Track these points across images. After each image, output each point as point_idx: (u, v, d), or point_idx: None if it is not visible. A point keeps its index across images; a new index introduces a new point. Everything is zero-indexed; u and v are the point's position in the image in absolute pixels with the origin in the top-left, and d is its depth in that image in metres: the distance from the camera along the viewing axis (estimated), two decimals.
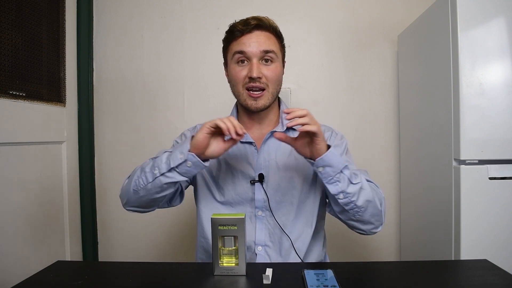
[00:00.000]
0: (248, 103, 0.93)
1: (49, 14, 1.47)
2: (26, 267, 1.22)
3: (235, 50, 0.93)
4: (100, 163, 1.77)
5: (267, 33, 0.94)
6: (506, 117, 1.13)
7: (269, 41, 0.93)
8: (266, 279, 0.73)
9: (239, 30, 0.92)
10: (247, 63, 0.93)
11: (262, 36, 0.92)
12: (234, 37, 0.93)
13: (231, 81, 0.97)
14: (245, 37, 0.92)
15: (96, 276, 0.80)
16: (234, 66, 0.94)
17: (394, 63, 1.73)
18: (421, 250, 1.46)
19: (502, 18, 1.13)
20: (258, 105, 0.93)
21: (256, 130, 1.01)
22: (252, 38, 0.92)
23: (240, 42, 0.92)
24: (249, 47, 0.91)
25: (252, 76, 0.90)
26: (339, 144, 1.01)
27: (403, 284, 0.76)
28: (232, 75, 0.95)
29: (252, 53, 0.91)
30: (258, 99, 0.93)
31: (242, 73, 0.93)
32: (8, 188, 1.22)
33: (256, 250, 0.96)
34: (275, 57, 0.94)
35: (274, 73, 0.94)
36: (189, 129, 1.08)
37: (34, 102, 1.36)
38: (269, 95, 0.94)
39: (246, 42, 0.92)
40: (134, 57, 1.75)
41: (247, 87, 0.92)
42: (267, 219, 0.97)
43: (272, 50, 0.93)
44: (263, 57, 0.92)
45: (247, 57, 0.92)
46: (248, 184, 0.97)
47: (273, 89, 0.95)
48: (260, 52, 0.91)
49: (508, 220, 1.13)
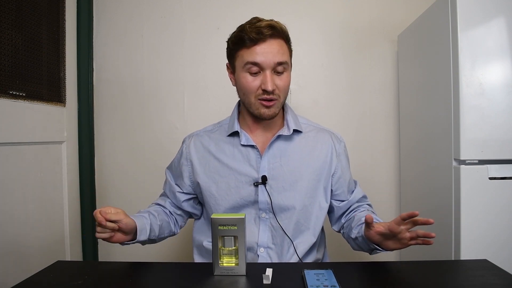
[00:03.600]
0: (261, 111, 0.93)
1: (49, 14, 1.47)
2: (26, 267, 1.22)
3: (248, 60, 0.89)
4: (100, 163, 1.77)
5: (280, 41, 0.91)
6: (506, 117, 1.12)
7: (282, 50, 0.91)
8: (266, 279, 0.73)
9: (252, 39, 0.88)
10: (260, 73, 0.90)
11: (275, 45, 0.89)
12: (245, 44, 0.89)
13: (241, 89, 0.95)
14: (258, 47, 0.88)
15: (96, 276, 0.80)
16: (245, 75, 0.91)
17: (394, 63, 1.73)
18: (421, 250, 1.45)
19: (502, 18, 1.13)
20: (271, 113, 0.93)
21: (260, 133, 1.01)
22: (266, 48, 0.88)
23: (253, 52, 0.89)
24: (263, 58, 0.88)
25: (267, 89, 0.89)
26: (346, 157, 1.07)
27: (403, 284, 0.76)
28: (243, 84, 0.92)
29: (266, 64, 0.89)
30: (271, 107, 0.92)
31: (254, 84, 0.91)
32: (8, 188, 1.22)
33: (258, 252, 0.96)
34: (287, 67, 0.93)
35: (286, 83, 0.93)
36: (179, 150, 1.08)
37: (34, 102, 1.36)
38: (279, 104, 0.94)
39: (260, 52, 0.88)
40: (134, 57, 1.75)
41: (260, 98, 0.91)
42: (271, 221, 0.97)
43: (285, 61, 0.91)
44: (276, 68, 0.90)
45: (260, 68, 0.90)
46: (251, 187, 0.96)
47: (283, 98, 0.95)
48: (274, 63, 0.89)
49: (508, 220, 1.13)
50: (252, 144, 0.97)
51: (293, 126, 0.99)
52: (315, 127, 1.06)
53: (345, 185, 1.03)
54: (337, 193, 1.03)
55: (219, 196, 0.98)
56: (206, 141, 1.04)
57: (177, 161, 1.07)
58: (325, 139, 1.03)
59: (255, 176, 0.96)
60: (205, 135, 1.05)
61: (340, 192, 1.03)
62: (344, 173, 1.03)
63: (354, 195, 1.05)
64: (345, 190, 1.03)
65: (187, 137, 1.08)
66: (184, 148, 1.05)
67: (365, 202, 1.07)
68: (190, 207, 1.07)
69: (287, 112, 1.03)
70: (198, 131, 1.08)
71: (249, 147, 0.98)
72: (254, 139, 0.99)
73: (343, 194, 1.03)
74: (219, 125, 1.07)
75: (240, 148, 0.98)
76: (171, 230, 1.05)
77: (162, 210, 1.05)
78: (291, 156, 0.98)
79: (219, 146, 1.01)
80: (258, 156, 0.97)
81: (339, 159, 1.02)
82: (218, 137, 1.03)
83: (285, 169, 0.97)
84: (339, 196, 1.03)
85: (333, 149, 1.02)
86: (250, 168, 0.97)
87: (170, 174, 1.09)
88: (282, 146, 0.99)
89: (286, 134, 0.98)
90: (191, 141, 1.05)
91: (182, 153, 1.05)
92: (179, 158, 1.06)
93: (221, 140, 1.02)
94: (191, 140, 1.05)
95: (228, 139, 1.01)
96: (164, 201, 1.08)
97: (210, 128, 1.08)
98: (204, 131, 1.07)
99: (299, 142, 1.01)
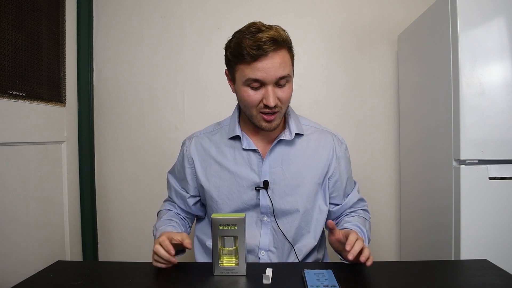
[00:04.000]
0: (263, 124, 0.91)
1: (49, 14, 1.47)
2: (26, 267, 1.22)
3: (248, 76, 0.85)
4: (100, 163, 1.77)
5: (282, 52, 0.86)
6: (506, 117, 1.12)
7: (284, 63, 0.86)
8: (266, 279, 0.73)
9: (252, 55, 0.82)
10: (261, 87, 0.87)
11: (277, 59, 0.84)
12: (245, 60, 0.84)
13: (241, 102, 0.92)
14: (260, 63, 0.83)
15: (96, 276, 0.80)
16: (246, 89, 0.88)
17: (394, 63, 1.73)
18: (421, 250, 1.46)
19: (502, 18, 1.13)
20: (272, 126, 0.91)
21: (261, 137, 1.00)
22: (268, 64, 0.83)
23: (254, 68, 0.84)
24: (265, 74, 0.84)
25: (269, 105, 0.86)
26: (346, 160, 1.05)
27: (403, 284, 0.76)
28: (244, 97, 0.89)
29: (268, 80, 0.85)
30: (272, 121, 0.90)
31: (256, 97, 0.87)
32: (8, 188, 1.22)
33: (259, 254, 0.96)
34: (289, 78, 0.89)
35: (288, 94, 0.90)
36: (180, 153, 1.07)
37: (34, 102, 1.36)
38: (281, 115, 0.93)
39: (261, 68, 0.83)
40: (134, 57, 1.75)
41: (262, 111, 0.89)
42: (272, 224, 0.97)
43: (287, 74, 0.87)
44: (278, 82, 0.87)
45: (261, 83, 0.86)
46: (253, 191, 0.96)
47: (285, 108, 0.93)
48: (276, 78, 0.85)
49: (508, 220, 1.13)
50: (254, 148, 0.96)
51: (295, 130, 0.98)
52: (317, 129, 1.05)
53: (341, 189, 1.02)
54: (332, 196, 1.02)
55: (221, 200, 0.98)
56: (206, 143, 1.02)
57: (180, 164, 1.05)
58: (327, 142, 1.02)
59: (257, 180, 0.96)
60: (205, 137, 1.04)
61: (335, 196, 1.02)
62: (341, 177, 1.02)
63: (348, 199, 1.03)
64: (340, 194, 1.03)
65: (186, 138, 1.07)
66: (185, 151, 1.04)
67: (360, 207, 1.06)
68: (198, 210, 1.08)
69: (288, 115, 1.01)
70: (198, 133, 1.07)
71: (251, 151, 0.97)
72: (255, 143, 0.98)
73: (338, 197, 1.03)
74: (219, 127, 1.05)
75: (242, 152, 0.97)
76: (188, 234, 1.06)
77: (179, 217, 1.06)
78: (293, 160, 0.97)
79: (220, 149, 1.00)
80: (259, 160, 0.96)
81: (338, 163, 1.01)
82: (218, 140, 1.02)
83: (287, 173, 0.96)
84: (333, 199, 1.02)
85: (334, 152, 1.01)
86: (251, 172, 0.96)
87: (174, 179, 1.08)
88: (284, 150, 0.98)
89: (288, 138, 0.96)
90: (191, 142, 1.04)
91: (184, 155, 1.04)
92: (181, 160, 1.05)
93: (222, 143, 1.00)
94: (191, 141, 1.04)
95: (229, 142, 1.00)
96: (174, 207, 1.08)
97: (210, 130, 1.06)
98: (204, 132, 1.06)
99: (301, 146, 0.99)
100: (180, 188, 1.06)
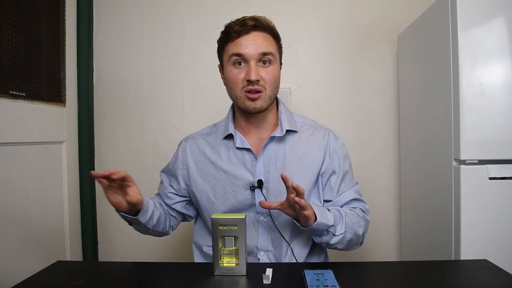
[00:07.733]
0: (247, 104, 0.91)
1: (49, 14, 1.47)
2: (26, 267, 1.22)
3: (232, 52, 0.90)
4: (100, 163, 1.77)
5: (265, 34, 0.91)
6: (506, 117, 1.12)
7: (267, 42, 0.91)
8: (266, 279, 0.73)
9: (236, 31, 0.89)
10: (245, 65, 0.90)
11: (259, 37, 0.90)
12: (231, 38, 0.90)
13: (228, 84, 0.95)
14: (242, 39, 0.89)
15: (96, 276, 0.80)
16: (231, 68, 0.92)
17: (394, 63, 1.73)
18: (421, 250, 1.46)
19: (502, 18, 1.13)
20: (256, 106, 0.91)
21: (254, 135, 0.99)
22: (249, 40, 0.89)
23: (237, 44, 0.90)
24: (247, 49, 0.89)
25: (250, 79, 0.88)
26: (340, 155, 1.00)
27: (403, 284, 0.76)
28: (229, 78, 0.93)
29: (250, 55, 0.89)
30: (256, 100, 0.91)
31: (240, 76, 0.90)
32: (8, 188, 1.22)
33: (258, 255, 0.96)
34: (273, 59, 0.92)
35: (272, 75, 0.92)
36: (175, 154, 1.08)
37: (34, 102, 1.36)
38: (266, 98, 0.92)
39: (244, 43, 0.89)
40: (134, 57, 1.75)
41: (246, 90, 0.90)
42: (269, 224, 0.96)
43: (270, 52, 0.90)
44: (261, 59, 0.90)
45: (244, 59, 0.90)
46: (248, 191, 0.95)
47: (271, 92, 0.93)
48: (258, 54, 0.89)
49: (508, 220, 1.13)
50: (247, 147, 0.96)
51: (287, 126, 0.97)
52: (311, 125, 1.04)
53: (335, 184, 0.98)
54: (324, 191, 0.99)
55: (216, 200, 0.97)
56: (202, 144, 1.03)
57: (172, 165, 1.06)
58: (320, 138, 1.00)
59: (251, 179, 0.95)
60: (201, 138, 1.05)
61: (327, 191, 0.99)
62: (335, 172, 0.98)
63: (342, 197, 0.98)
64: (334, 190, 0.98)
65: (183, 140, 1.08)
66: (180, 152, 1.05)
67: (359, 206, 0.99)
68: (183, 208, 1.07)
69: (281, 112, 1.00)
70: (195, 134, 1.08)
71: (245, 150, 0.97)
72: (248, 141, 0.97)
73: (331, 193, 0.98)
74: (215, 128, 1.06)
75: (236, 151, 0.97)
76: (165, 227, 1.04)
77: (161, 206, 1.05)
78: (287, 158, 0.96)
79: (215, 150, 1.00)
80: (253, 159, 0.96)
81: (331, 158, 0.98)
82: (213, 140, 1.02)
83: (281, 171, 0.95)
84: (326, 195, 0.99)
85: (327, 148, 0.99)
86: (245, 171, 0.96)
87: (165, 176, 1.09)
88: (277, 148, 0.97)
89: (279, 135, 0.96)
90: (187, 144, 1.05)
91: (178, 156, 1.05)
92: (173, 161, 1.06)
93: (217, 143, 1.01)
94: (187, 143, 1.05)
95: (224, 142, 1.00)
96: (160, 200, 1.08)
97: (206, 131, 1.07)
98: (201, 134, 1.07)
99: (294, 143, 0.98)
100: (168, 186, 1.06)
